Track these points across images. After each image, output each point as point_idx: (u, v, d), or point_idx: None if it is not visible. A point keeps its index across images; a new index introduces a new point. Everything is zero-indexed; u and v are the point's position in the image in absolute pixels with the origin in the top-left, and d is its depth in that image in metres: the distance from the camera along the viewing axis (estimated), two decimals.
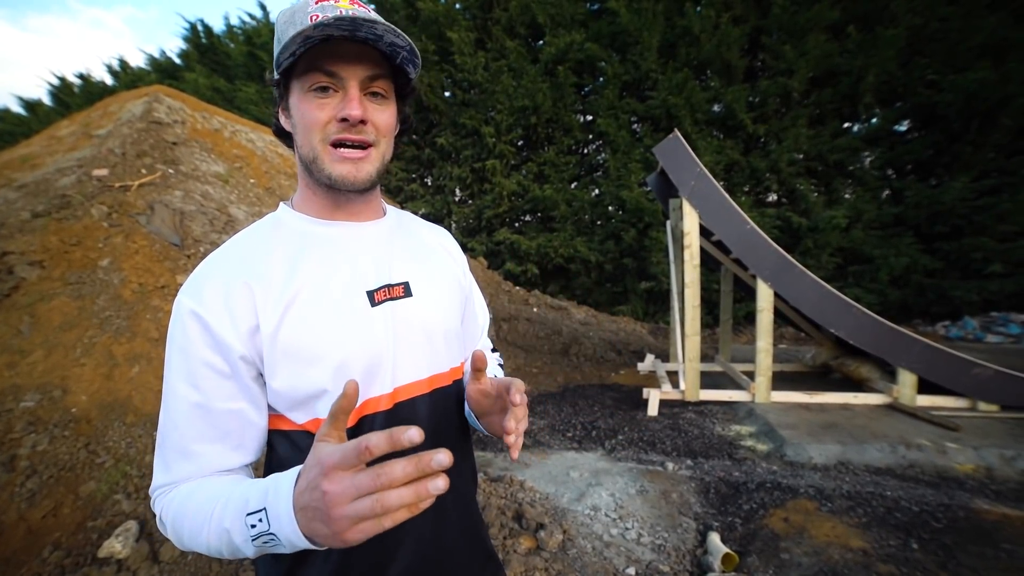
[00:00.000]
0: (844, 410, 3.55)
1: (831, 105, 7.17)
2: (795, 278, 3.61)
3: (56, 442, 2.42)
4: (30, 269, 3.08)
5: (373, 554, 0.67)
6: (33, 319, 2.87)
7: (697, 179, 3.75)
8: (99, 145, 4.24)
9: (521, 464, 2.92)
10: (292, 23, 0.62)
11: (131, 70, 13.56)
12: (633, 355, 5.66)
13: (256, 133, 5.78)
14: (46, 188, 3.75)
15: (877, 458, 2.87)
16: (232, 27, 12.14)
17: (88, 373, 2.69)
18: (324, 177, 0.65)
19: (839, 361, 4.27)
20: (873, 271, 6.92)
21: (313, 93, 0.63)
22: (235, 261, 0.65)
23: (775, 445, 3.09)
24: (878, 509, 2.30)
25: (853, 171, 7.37)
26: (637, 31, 7.55)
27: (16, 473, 2.27)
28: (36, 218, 3.38)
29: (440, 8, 8.57)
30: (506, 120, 8.30)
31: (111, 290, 3.06)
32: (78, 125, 5.03)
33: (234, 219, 4.04)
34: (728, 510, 2.41)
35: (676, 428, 3.48)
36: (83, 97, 13.17)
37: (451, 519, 0.75)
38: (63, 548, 2.03)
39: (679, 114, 7.39)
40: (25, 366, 2.69)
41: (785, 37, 7.08)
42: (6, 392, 2.57)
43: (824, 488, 2.52)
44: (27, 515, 2.14)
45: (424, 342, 0.72)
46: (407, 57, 0.65)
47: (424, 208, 9.25)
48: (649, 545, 2.16)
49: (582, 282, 8.48)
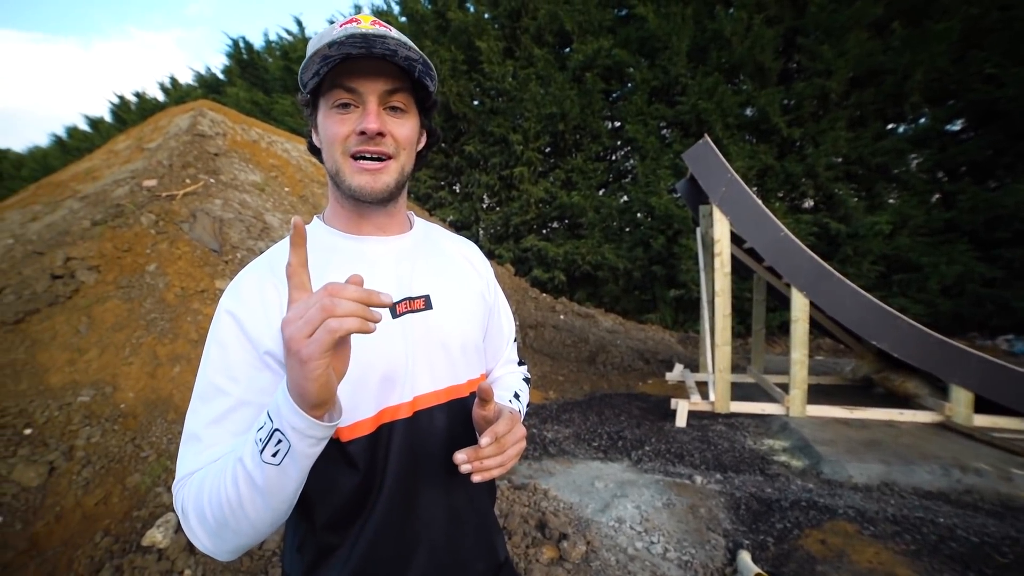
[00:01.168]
0: (888, 427, 3.35)
1: (873, 106, 6.85)
2: (833, 287, 3.45)
3: (107, 435, 2.58)
4: (89, 273, 3.31)
5: (388, 559, 0.69)
6: (90, 320, 3.07)
7: (728, 185, 3.65)
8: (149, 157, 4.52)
9: (545, 472, 2.90)
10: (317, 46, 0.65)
11: (180, 87, 14.44)
12: (661, 364, 5.53)
13: (291, 143, 6.03)
14: (104, 198, 4.02)
15: (927, 481, 2.68)
16: (270, 42, 12.77)
17: (135, 371, 2.86)
18: (346, 188, 0.69)
19: (882, 375, 4.04)
20: (921, 280, 6.53)
21: (335, 109, 0.67)
22: (267, 268, 0.69)
23: (811, 461, 2.95)
24: (929, 536, 2.14)
25: (898, 174, 7.00)
26: (666, 36, 7.46)
27: (74, 462, 2.43)
28: (95, 226, 3.63)
29: (470, 18, 8.73)
30: (534, 127, 8.35)
31: (156, 293, 3.25)
32: (132, 139, 5.39)
33: (269, 226, 4.22)
34: (760, 528, 2.31)
35: (705, 440, 3.37)
36: (138, 113, 14.09)
37: (466, 529, 0.76)
38: (112, 535, 2.16)
39: (710, 119, 7.23)
40: (82, 363, 2.88)
41: (823, 37, 6.83)
42: (67, 387, 2.77)
43: (866, 510, 2.38)
44: (82, 502, 2.29)
45: (443, 354, 0.74)
46: (423, 70, 0.67)
47: (452, 215, 9.38)
48: (675, 561, 2.10)
49: (610, 289, 8.38)
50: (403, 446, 0.69)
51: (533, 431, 3.63)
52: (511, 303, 6.03)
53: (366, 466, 0.67)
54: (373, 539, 0.67)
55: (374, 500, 0.68)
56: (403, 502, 0.69)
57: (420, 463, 0.70)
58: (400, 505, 0.69)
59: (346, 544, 0.68)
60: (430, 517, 0.72)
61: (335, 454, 0.67)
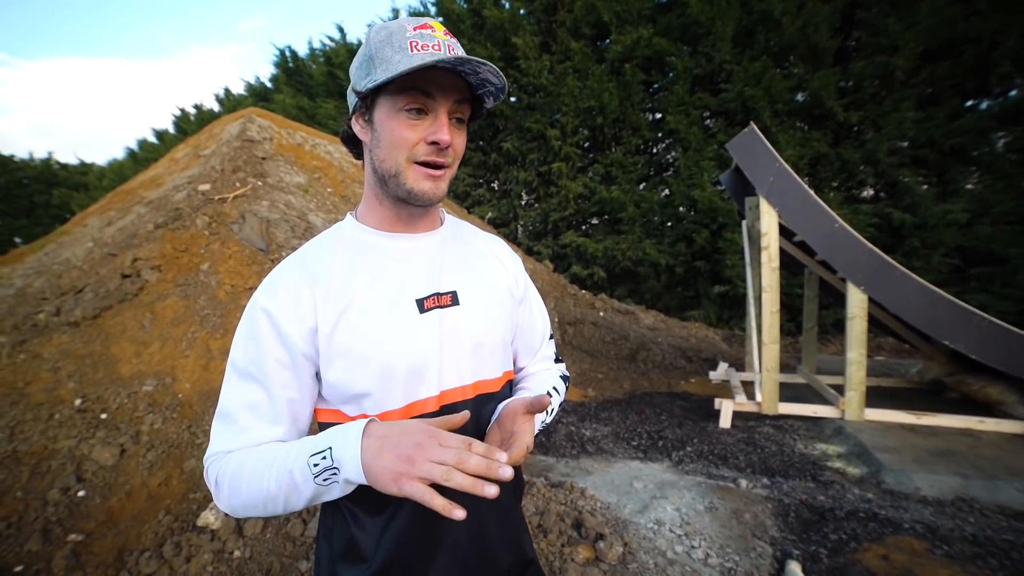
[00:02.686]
0: (965, 436, 3.05)
1: (949, 81, 6.22)
2: (895, 282, 3.17)
3: (167, 422, 2.77)
4: (152, 272, 3.57)
5: (412, 554, 0.70)
6: (152, 315, 3.31)
7: (776, 175, 3.44)
8: (204, 163, 4.82)
9: (583, 471, 2.85)
10: (390, 44, 0.64)
11: (233, 97, 15.33)
12: (705, 363, 5.31)
13: (333, 145, 6.24)
14: (165, 203, 4.33)
15: (1016, 499, 2.39)
16: (314, 50, 13.28)
17: (191, 364, 3.05)
18: (403, 192, 0.69)
19: (956, 379, 3.68)
20: (1008, 274, 5.87)
21: (407, 113, 0.66)
22: (302, 267, 0.71)
23: (870, 469, 2.73)
24: (1019, 563, 1.91)
25: (979, 156, 6.31)
26: (709, 21, 7.13)
27: (140, 446, 2.63)
28: (157, 228, 3.90)
29: (505, 15, 8.71)
30: (571, 122, 8.23)
31: (209, 291, 3.45)
32: (190, 147, 5.76)
33: (312, 226, 4.39)
34: (811, 538, 2.16)
35: (751, 443, 3.20)
36: (197, 123, 15.10)
37: (490, 527, 0.76)
38: (172, 513, 2.33)
39: (756, 106, 6.85)
40: (146, 355, 3.11)
41: (888, 9, 6.29)
42: (134, 377, 3.00)
43: (938, 527, 2.17)
44: (148, 482, 2.49)
45: (469, 349, 0.74)
46: (492, 92, 0.70)
47: (491, 213, 9.42)
48: (718, 567, 2.00)
49: (651, 286, 8.14)
50: None
51: (571, 428, 3.58)
52: (549, 300, 5.96)
53: None
54: (398, 534, 0.69)
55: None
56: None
57: None
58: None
59: (372, 537, 0.70)
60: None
61: None
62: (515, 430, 0.67)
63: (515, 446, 0.65)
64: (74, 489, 2.38)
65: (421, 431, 0.56)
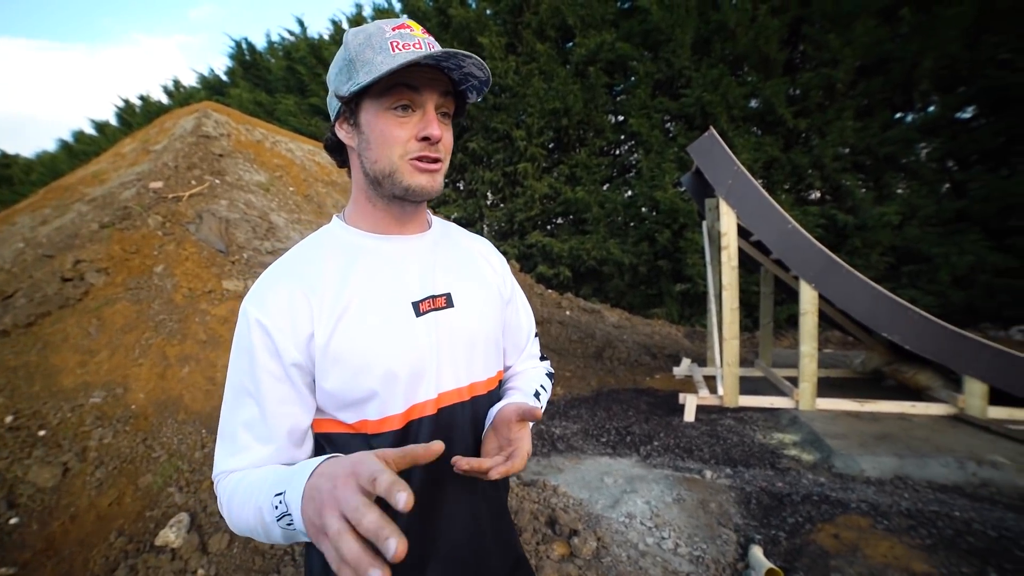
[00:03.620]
0: (901, 420, 3.31)
1: (881, 95, 6.76)
2: (842, 279, 3.41)
3: (119, 436, 2.61)
4: (98, 276, 3.33)
5: (412, 558, 0.69)
6: (100, 322, 3.10)
7: (734, 177, 3.61)
8: (155, 159, 4.55)
9: (554, 469, 2.89)
10: (370, 46, 0.64)
11: (184, 89, 14.51)
12: (668, 359, 5.51)
13: (295, 143, 6.03)
14: (111, 201, 4.05)
15: (942, 474, 2.64)
16: (272, 43, 12.77)
17: (145, 372, 2.88)
18: (400, 189, 0.69)
19: (893, 367, 4.00)
20: (932, 271, 6.44)
21: (395, 111, 0.66)
22: (293, 273, 0.69)
23: (822, 455, 2.92)
24: (945, 531, 2.11)
25: (907, 164, 6.90)
26: (669, 28, 7.39)
27: (87, 463, 2.46)
28: (103, 228, 3.65)
29: (471, 14, 8.70)
30: (537, 123, 8.31)
31: (164, 295, 3.27)
32: (138, 142, 5.42)
33: (275, 226, 4.23)
34: (771, 523, 2.29)
35: (714, 435, 3.35)
36: (143, 116, 14.18)
37: (483, 524, 0.77)
38: (126, 534, 2.19)
39: (714, 111, 7.17)
40: (93, 365, 2.91)
41: (829, 26, 6.74)
42: (79, 388, 2.79)
43: (879, 504, 2.36)
44: (96, 502, 2.32)
45: (464, 351, 0.75)
46: (475, 86, 0.70)
47: (456, 212, 9.38)
48: (687, 556, 2.09)
49: (615, 284, 8.35)
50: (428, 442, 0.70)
51: (541, 427, 3.62)
52: None
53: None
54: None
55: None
56: (428, 499, 0.70)
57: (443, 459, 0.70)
58: (425, 503, 0.70)
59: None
60: (452, 514, 0.73)
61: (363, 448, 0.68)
62: (513, 438, 0.69)
63: (517, 455, 0.66)
64: (4, 516, 2.18)
65: (340, 467, 0.49)
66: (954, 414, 3.31)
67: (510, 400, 0.78)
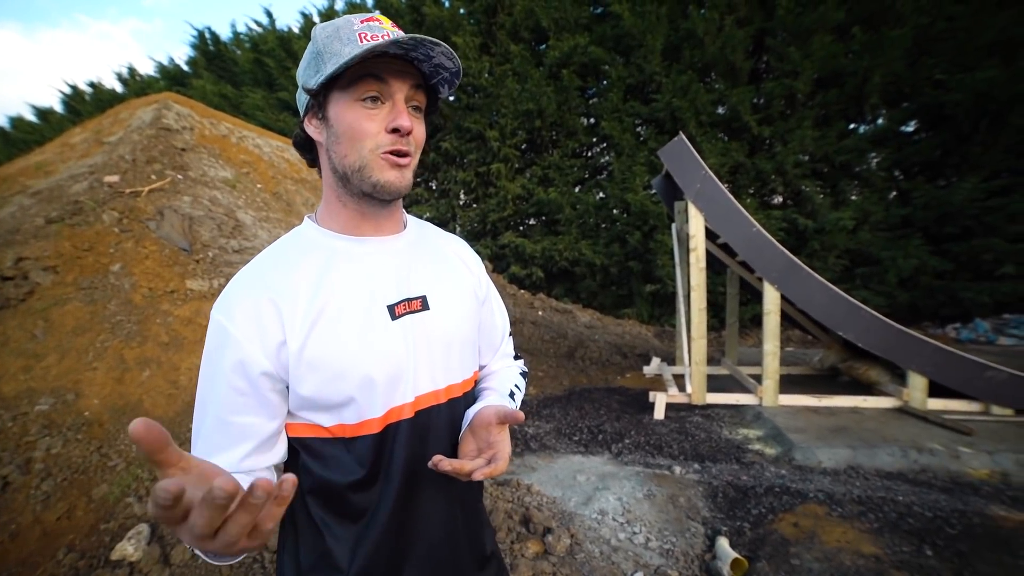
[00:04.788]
0: (853, 413, 3.52)
1: (837, 106, 7.14)
2: (802, 280, 3.59)
3: (70, 445, 2.46)
4: (44, 274, 3.13)
5: (389, 557, 0.70)
6: (47, 324, 2.91)
7: (702, 181, 3.74)
8: (110, 152, 4.30)
9: (528, 468, 2.92)
10: (338, 38, 0.63)
11: (140, 77, 13.75)
12: (639, 358, 5.64)
13: (263, 139, 5.83)
14: (59, 195, 3.81)
15: (888, 462, 2.84)
16: (239, 34, 12.30)
17: (100, 377, 2.72)
18: (368, 185, 0.67)
19: (847, 364, 4.23)
20: (881, 273, 6.86)
21: (363, 103, 0.64)
22: (263, 279, 0.67)
23: (783, 449, 3.07)
24: (890, 514, 2.27)
25: (860, 172, 7.32)
26: (641, 34, 7.56)
27: (31, 476, 2.30)
28: (50, 224, 3.43)
29: (445, 13, 8.63)
30: (511, 124, 8.33)
31: (122, 295, 3.10)
32: (90, 132, 5.11)
33: (241, 224, 4.08)
34: (737, 514, 2.40)
35: (683, 432, 3.46)
36: (94, 105, 13.35)
37: (458, 524, 0.78)
38: (77, 550, 2.06)
39: (684, 116, 7.38)
40: (39, 370, 2.73)
41: (790, 39, 7.06)
42: (21, 396, 2.61)
43: (834, 492, 2.50)
44: (42, 517, 2.17)
45: (441, 353, 0.75)
46: (446, 78, 0.69)
47: (429, 212, 9.29)
48: (657, 550, 2.16)
49: (587, 285, 8.47)
50: (406, 445, 0.70)
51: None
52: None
53: (371, 465, 0.68)
54: (376, 539, 0.69)
55: (377, 499, 0.69)
56: (405, 501, 0.71)
57: (421, 462, 0.70)
58: (402, 504, 0.70)
59: (347, 546, 0.69)
60: (429, 514, 0.73)
61: (341, 453, 0.68)
62: (492, 441, 0.69)
63: (498, 458, 0.66)
64: None
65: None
66: (899, 407, 3.54)
67: (487, 401, 0.78)
